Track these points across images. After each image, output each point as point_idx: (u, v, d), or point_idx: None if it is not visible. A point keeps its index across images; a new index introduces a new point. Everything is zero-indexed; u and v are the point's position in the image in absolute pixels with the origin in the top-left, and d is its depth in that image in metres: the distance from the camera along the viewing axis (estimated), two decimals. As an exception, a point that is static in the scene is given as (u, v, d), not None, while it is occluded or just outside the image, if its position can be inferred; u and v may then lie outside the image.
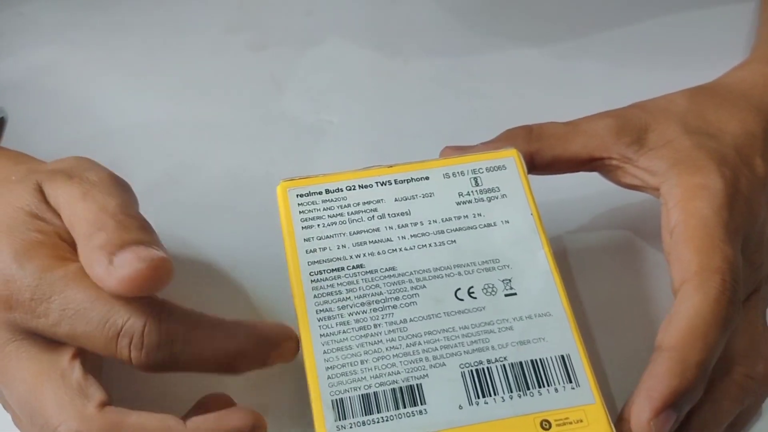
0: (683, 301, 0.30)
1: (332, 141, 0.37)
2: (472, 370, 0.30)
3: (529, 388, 0.30)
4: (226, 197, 0.39)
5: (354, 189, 0.34)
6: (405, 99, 0.45)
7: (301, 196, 0.34)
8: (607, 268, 0.38)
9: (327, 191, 0.34)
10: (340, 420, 0.29)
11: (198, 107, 0.44)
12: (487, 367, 0.30)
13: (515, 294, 0.32)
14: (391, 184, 0.34)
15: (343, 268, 0.32)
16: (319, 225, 0.33)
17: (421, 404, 0.30)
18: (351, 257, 0.32)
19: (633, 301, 0.37)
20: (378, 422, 0.29)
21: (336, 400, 0.29)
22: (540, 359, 0.31)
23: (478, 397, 0.30)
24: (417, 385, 0.30)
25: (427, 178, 0.35)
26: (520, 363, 0.30)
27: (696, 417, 0.31)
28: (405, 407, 0.29)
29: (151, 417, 0.28)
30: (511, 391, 0.30)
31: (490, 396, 0.30)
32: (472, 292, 0.32)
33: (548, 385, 0.30)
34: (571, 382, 0.30)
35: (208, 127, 0.43)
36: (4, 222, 0.30)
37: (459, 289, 0.32)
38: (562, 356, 0.31)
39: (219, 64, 0.46)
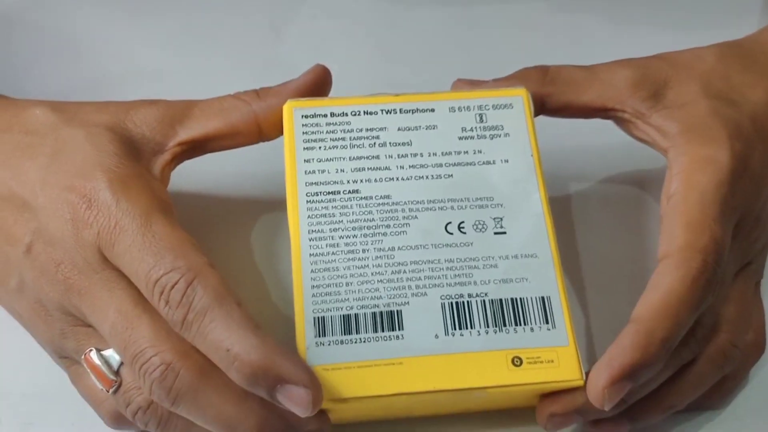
0: (661, 275, 0.30)
1: (332, 90, 0.38)
2: (452, 302, 0.31)
3: (505, 325, 0.31)
4: None
5: (359, 114, 0.34)
6: (406, 48, 0.44)
7: (306, 117, 0.34)
8: (609, 219, 0.38)
9: (332, 114, 0.34)
10: (319, 337, 0.30)
11: (195, 54, 0.44)
12: (467, 301, 0.31)
13: (504, 233, 0.32)
14: (396, 112, 0.35)
15: (339, 192, 0.33)
16: (320, 147, 0.34)
17: (399, 330, 0.31)
18: (348, 182, 0.33)
19: (629, 254, 0.37)
20: (355, 342, 0.30)
21: (318, 317, 0.31)
22: (520, 298, 0.31)
23: (455, 329, 0.31)
24: (397, 311, 0.31)
25: (432, 110, 0.35)
26: (500, 300, 0.31)
27: (677, 380, 0.32)
28: (383, 331, 0.30)
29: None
30: (488, 326, 0.31)
31: (467, 329, 0.31)
32: (462, 227, 0.32)
33: (525, 324, 0.31)
34: (548, 323, 0.31)
35: (205, 75, 0.42)
36: (98, 161, 0.31)
37: (450, 222, 0.33)
38: (543, 298, 0.31)
39: (216, 9, 0.45)
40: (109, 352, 0.31)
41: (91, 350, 0.31)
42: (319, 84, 0.35)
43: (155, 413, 0.30)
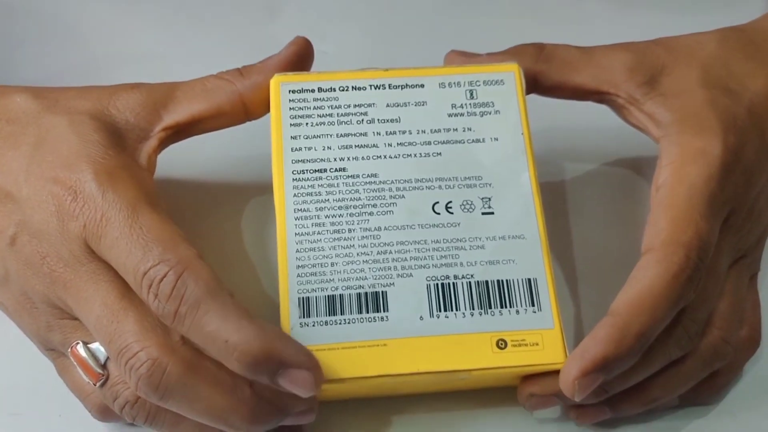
0: (642, 269, 0.30)
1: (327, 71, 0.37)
2: (437, 284, 0.31)
3: (491, 307, 0.31)
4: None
5: (347, 90, 0.34)
6: (403, 30, 0.43)
7: (293, 92, 0.34)
8: (602, 203, 0.38)
9: (320, 89, 0.34)
10: (304, 317, 0.30)
11: (189, 34, 0.43)
12: (453, 283, 0.31)
13: (492, 213, 0.32)
14: (384, 88, 0.34)
15: (325, 170, 0.32)
16: (307, 124, 0.33)
17: (384, 311, 0.30)
18: (335, 160, 0.33)
19: (622, 240, 0.36)
20: (340, 324, 0.30)
21: (303, 298, 0.30)
22: (506, 280, 0.31)
23: (440, 311, 0.31)
24: (382, 292, 0.31)
25: (422, 85, 0.34)
26: (486, 282, 0.31)
27: (663, 374, 0.31)
28: (368, 312, 0.30)
29: (224, 369, 0.29)
30: (473, 309, 0.31)
31: (452, 311, 0.31)
32: (450, 207, 0.32)
33: (510, 306, 0.31)
34: (533, 305, 0.31)
35: (200, 55, 0.42)
36: (83, 152, 0.30)
37: (437, 202, 0.32)
38: (529, 280, 0.31)
39: None
40: (96, 346, 0.30)
41: (77, 343, 0.30)
42: (301, 56, 0.34)
43: (143, 407, 0.30)
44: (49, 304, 0.31)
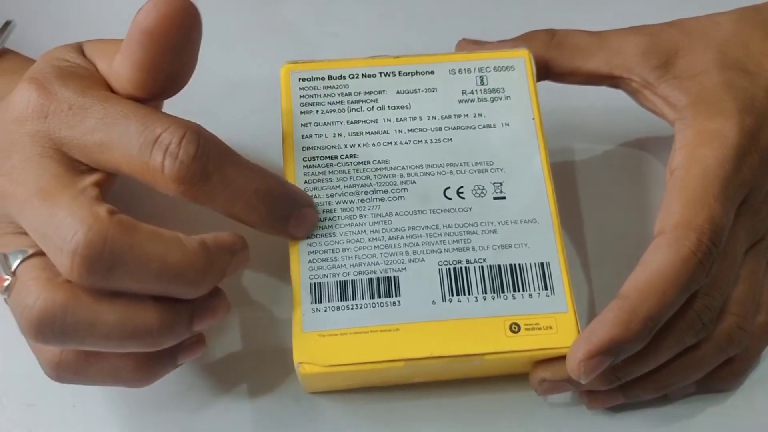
0: (653, 252, 0.30)
1: (335, 55, 0.36)
2: (449, 268, 0.31)
3: (503, 291, 0.31)
4: (222, 107, 0.38)
5: (357, 77, 0.34)
6: (413, 11, 0.43)
7: (304, 80, 0.34)
8: (615, 185, 0.37)
9: (330, 77, 0.34)
10: (316, 303, 0.30)
11: None
12: (465, 267, 0.31)
13: (504, 198, 0.32)
14: (395, 75, 0.34)
15: (336, 157, 0.32)
16: (317, 111, 0.33)
17: (396, 296, 0.30)
18: (345, 146, 0.33)
19: (635, 222, 0.36)
20: (352, 309, 0.30)
21: (314, 284, 0.30)
22: (519, 264, 0.31)
23: (452, 295, 0.30)
24: (394, 277, 0.31)
25: (432, 72, 0.34)
26: (499, 266, 0.31)
27: (676, 360, 0.31)
28: (380, 297, 0.30)
29: (163, 230, 0.27)
30: (485, 293, 0.30)
31: (464, 295, 0.30)
32: (461, 192, 0.32)
33: (523, 290, 0.31)
34: (546, 289, 0.31)
35: (205, 36, 0.41)
36: (47, 66, 0.30)
37: (448, 187, 0.32)
38: (542, 263, 0.31)
39: None
40: (12, 252, 0.28)
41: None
42: None
43: (52, 318, 0.26)
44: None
